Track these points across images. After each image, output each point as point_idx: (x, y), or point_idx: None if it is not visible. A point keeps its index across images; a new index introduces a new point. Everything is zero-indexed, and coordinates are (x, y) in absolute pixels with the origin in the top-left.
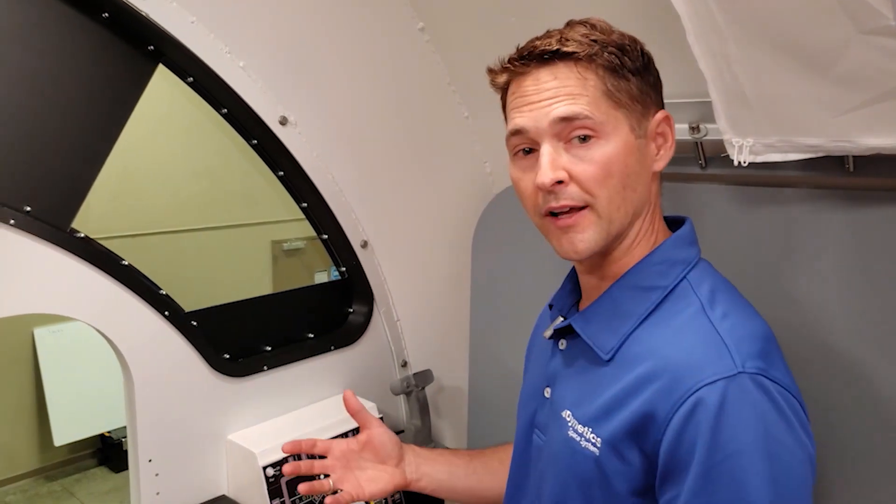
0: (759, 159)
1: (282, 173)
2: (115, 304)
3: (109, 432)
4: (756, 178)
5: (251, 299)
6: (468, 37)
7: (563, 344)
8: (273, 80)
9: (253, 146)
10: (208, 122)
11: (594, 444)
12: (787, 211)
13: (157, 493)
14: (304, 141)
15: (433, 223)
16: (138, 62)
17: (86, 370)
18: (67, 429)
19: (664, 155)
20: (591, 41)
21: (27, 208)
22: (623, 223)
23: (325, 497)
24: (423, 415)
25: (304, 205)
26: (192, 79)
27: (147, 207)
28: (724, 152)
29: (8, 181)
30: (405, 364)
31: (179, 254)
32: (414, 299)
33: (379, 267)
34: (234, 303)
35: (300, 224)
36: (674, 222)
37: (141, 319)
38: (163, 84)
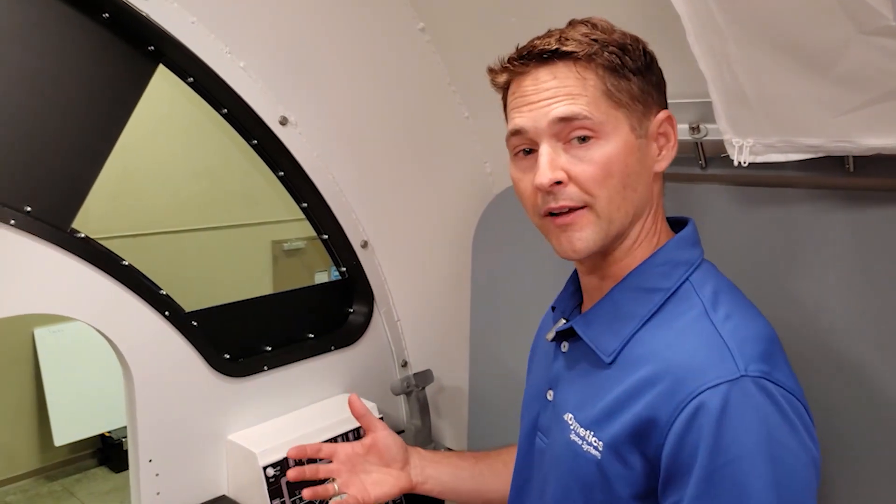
0: (760, 159)
1: (282, 173)
2: (115, 304)
3: (110, 432)
4: (756, 178)
5: (251, 299)
6: (468, 37)
7: (565, 346)
8: (273, 80)
9: (253, 146)
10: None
11: (596, 448)
12: (788, 211)
13: (158, 493)
14: (304, 141)
15: (433, 223)
16: (139, 62)
17: (86, 370)
18: (68, 429)
19: (666, 155)
20: (591, 40)
21: (27, 208)
22: (623, 223)
23: (329, 500)
24: (423, 415)
25: (305, 205)
26: (192, 79)
27: (147, 207)
28: (724, 152)
29: (8, 181)
30: (405, 364)
31: (180, 254)
32: (414, 299)
33: (379, 267)
34: (235, 303)
35: (300, 224)
36: (677, 223)
37: (141, 319)
38: (163, 84)
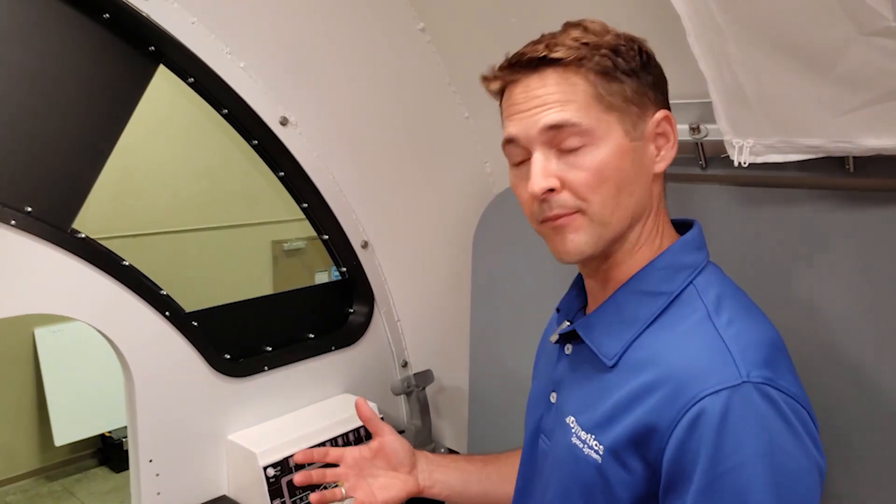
0: (760, 160)
1: (282, 174)
2: (115, 304)
3: (110, 432)
4: (756, 178)
5: (252, 299)
6: (469, 37)
7: (568, 349)
8: (274, 80)
9: (253, 146)
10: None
11: (596, 452)
12: (788, 211)
13: (158, 494)
14: (304, 141)
15: (434, 223)
16: (139, 63)
17: (86, 370)
18: (68, 429)
19: (665, 155)
20: (581, 45)
21: (28, 209)
22: (619, 227)
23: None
24: (423, 415)
25: (305, 205)
26: (192, 79)
27: (148, 207)
28: (724, 153)
29: (9, 181)
30: (406, 364)
31: (180, 254)
32: (414, 299)
33: (379, 267)
34: (235, 303)
35: (300, 224)
36: (682, 225)
37: (142, 320)
38: (163, 85)
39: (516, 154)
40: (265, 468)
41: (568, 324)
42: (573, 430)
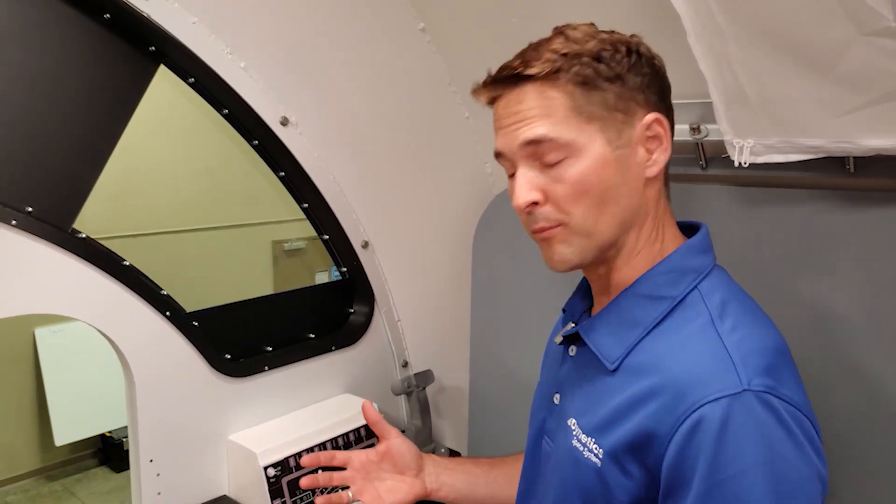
0: (760, 160)
1: (283, 174)
2: (116, 304)
3: (110, 432)
4: (757, 178)
5: (252, 299)
6: (469, 37)
7: (572, 350)
8: (274, 80)
9: (254, 147)
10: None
11: (596, 455)
12: (788, 212)
13: (159, 493)
14: (305, 141)
15: (434, 223)
16: (140, 63)
17: (86, 370)
18: (68, 429)
19: (657, 159)
20: (559, 56)
21: (29, 209)
22: (607, 236)
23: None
24: (423, 415)
25: (306, 205)
26: (193, 79)
27: (148, 208)
28: (724, 153)
29: (9, 182)
30: (406, 364)
31: (180, 254)
32: (415, 299)
33: (380, 267)
34: (236, 303)
35: (301, 224)
36: (690, 228)
37: (142, 320)
38: (164, 85)
39: (507, 166)
40: (266, 468)
41: (573, 325)
42: (574, 433)
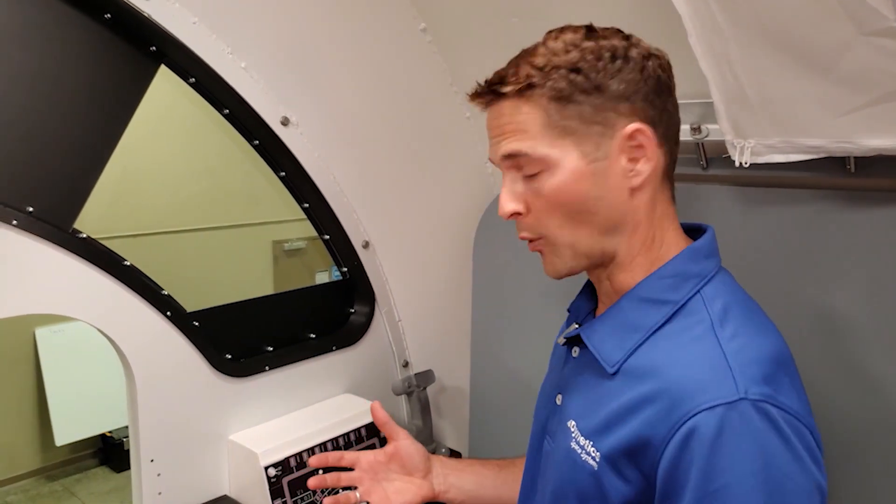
0: (761, 160)
1: (283, 174)
2: (117, 304)
3: (110, 432)
4: (757, 178)
5: (253, 299)
6: (470, 37)
7: (575, 352)
8: (275, 80)
9: (254, 147)
10: (210, 123)
11: (593, 458)
12: (789, 212)
13: (159, 493)
14: (305, 141)
15: (435, 223)
16: (140, 63)
17: (87, 370)
18: (68, 429)
19: (640, 169)
20: (536, 70)
21: (29, 209)
22: (591, 246)
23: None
24: (424, 415)
25: (306, 205)
26: (193, 79)
27: (149, 207)
28: (725, 153)
29: (10, 181)
30: (407, 364)
31: (181, 254)
32: (415, 299)
33: (380, 267)
34: (236, 303)
35: (301, 224)
36: (697, 230)
37: (143, 320)
38: (165, 85)
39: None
40: (266, 468)
41: (577, 326)
42: (573, 435)
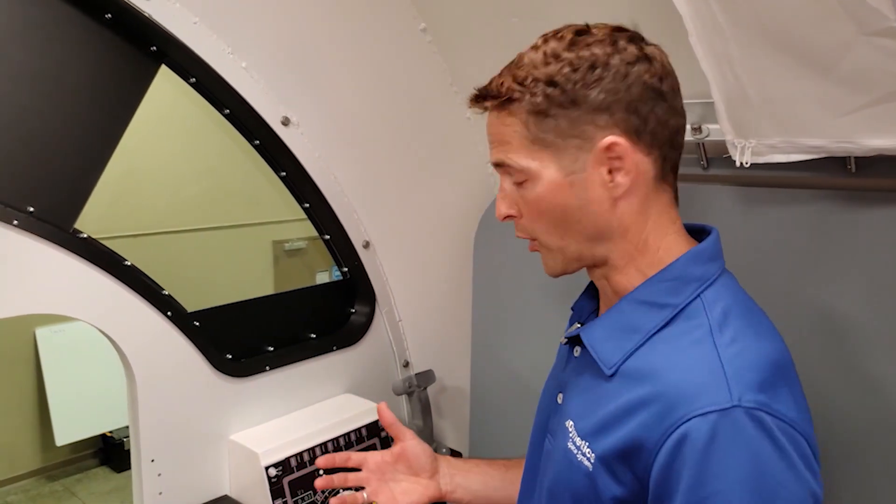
0: (762, 160)
1: (284, 174)
2: (118, 304)
3: (111, 432)
4: (758, 178)
5: (254, 299)
6: (470, 38)
7: (577, 351)
8: (275, 80)
9: (255, 147)
10: (210, 123)
11: (588, 459)
12: (789, 212)
13: (160, 493)
14: (306, 141)
15: (435, 224)
16: (141, 63)
17: (87, 370)
18: (69, 429)
19: (620, 182)
20: (516, 84)
21: (30, 209)
22: (580, 251)
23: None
24: (424, 415)
25: (307, 205)
26: (194, 79)
27: (150, 208)
28: (726, 153)
29: (11, 182)
30: (407, 364)
31: (182, 254)
32: (416, 300)
33: (381, 267)
34: (237, 303)
35: (301, 224)
36: (703, 232)
37: (144, 320)
38: (165, 85)
39: None
40: (267, 468)
41: (579, 325)
42: (570, 435)
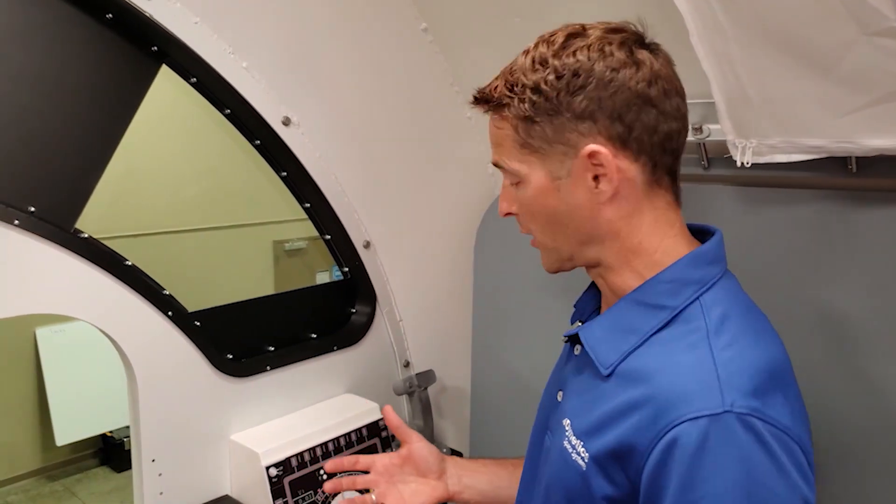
0: (762, 160)
1: (285, 174)
2: (119, 304)
3: (111, 432)
4: (759, 178)
5: (254, 299)
6: (471, 37)
7: (577, 350)
8: (276, 80)
9: (256, 147)
10: (211, 123)
11: (582, 459)
12: (790, 211)
13: (161, 493)
14: (306, 141)
15: (436, 224)
16: (142, 63)
17: (87, 370)
18: (69, 428)
19: (604, 189)
20: (506, 89)
21: (31, 209)
22: (572, 252)
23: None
24: (425, 415)
25: (307, 205)
26: (195, 79)
27: (150, 208)
28: (727, 153)
29: (12, 182)
30: (408, 364)
31: (182, 254)
32: (417, 300)
33: (382, 267)
34: (237, 303)
35: (302, 224)
36: (707, 233)
37: (145, 320)
38: (166, 85)
39: None
40: (267, 468)
41: (580, 323)
42: (567, 434)
